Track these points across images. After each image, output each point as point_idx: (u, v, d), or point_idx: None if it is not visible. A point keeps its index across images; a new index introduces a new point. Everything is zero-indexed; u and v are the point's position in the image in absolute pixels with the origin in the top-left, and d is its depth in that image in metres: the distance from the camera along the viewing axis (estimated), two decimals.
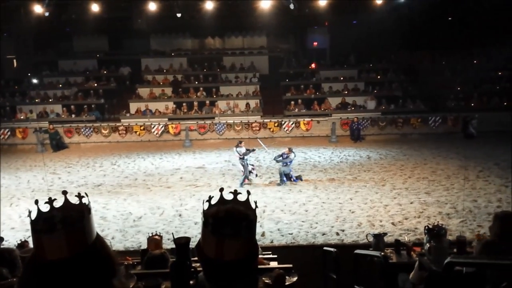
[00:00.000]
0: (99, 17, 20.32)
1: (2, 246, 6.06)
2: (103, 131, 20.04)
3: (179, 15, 21.03)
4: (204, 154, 17.41)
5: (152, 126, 20.18)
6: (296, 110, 21.38)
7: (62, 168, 15.43)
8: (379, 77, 23.47)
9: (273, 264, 4.37)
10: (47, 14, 19.34)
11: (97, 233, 1.39)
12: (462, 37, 20.71)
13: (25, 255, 3.97)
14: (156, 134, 20.11)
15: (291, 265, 2.80)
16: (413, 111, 20.83)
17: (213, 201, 1.53)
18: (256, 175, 13.12)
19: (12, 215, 10.49)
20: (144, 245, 7.17)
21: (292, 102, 21.67)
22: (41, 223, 1.29)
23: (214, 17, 20.93)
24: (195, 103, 21.71)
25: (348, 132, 19.77)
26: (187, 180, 13.51)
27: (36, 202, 1.40)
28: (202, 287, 1.84)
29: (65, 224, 1.27)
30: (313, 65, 24.87)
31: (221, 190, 1.54)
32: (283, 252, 6.64)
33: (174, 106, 21.74)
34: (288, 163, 12.60)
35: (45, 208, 1.34)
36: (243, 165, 12.69)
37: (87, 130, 19.97)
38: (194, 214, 10.33)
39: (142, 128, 20.17)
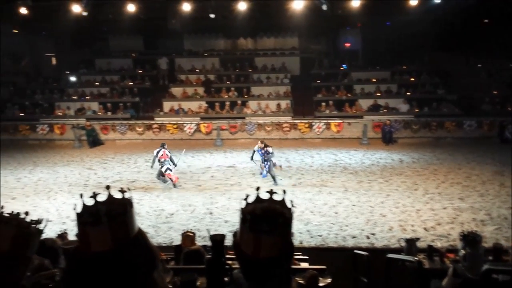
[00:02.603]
0: (134, 17, 20.80)
1: (42, 237, 6.29)
2: (137, 128, 20.53)
3: (212, 15, 21.30)
4: (235, 153, 17.58)
5: (185, 125, 20.52)
6: (327, 111, 21.29)
7: (98, 164, 15.88)
8: (412, 79, 23.08)
9: (304, 265, 4.41)
10: (85, 13, 19.94)
11: (139, 227, 1.43)
12: (497, 39, 20.15)
13: (66, 246, 4.12)
14: (189, 132, 20.43)
15: (324, 267, 2.82)
16: (447, 115, 20.41)
17: (250, 200, 1.56)
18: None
19: (50, 208, 10.84)
20: (176, 241, 7.35)
21: (323, 103, 21.59)
22: (87, 216, 1.34)
23: (247, 18, 21.07)
24: (227, 103, 21.93)
25: (380, 134, 19.55)
26: (218, 178, 13.68)
27: (81, 196, 1.44)
28: (236, 284, 1.87)
29: (109, 217, 1.33)
30: (344, 66, 24.69)
31: (258, 189, 1.57)
32: (313, 253, 6.66)
33: (206, 105, 22.03)
34: (270, 158, 12.64)
35: (90, 202, 1.39)
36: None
37: (122, 127, 20.50)
38: (225, 212, 10.48)
39: (175, 126, 20.53)
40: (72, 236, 6.41)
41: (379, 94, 22.20)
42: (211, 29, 25.68)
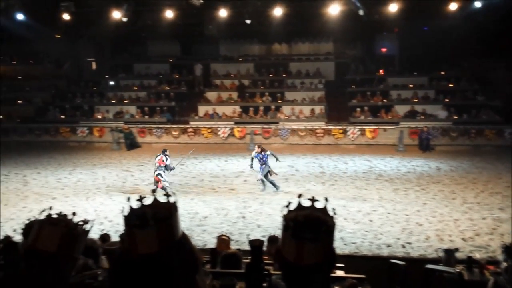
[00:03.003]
0: (172, 23, 21.24)
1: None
2: (173, 132, 20.92)
3: (248, 21, 21.47)
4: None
5: (219, 129, 20.74)
6: (362, 117, 21.05)
7: (135, 166, 16.24)
8: (451, 85, 22.51)
9: (340, 273, 4.36)
10: (125, 19, 20.53)
11: (183, 231, 1.46)
12: None
13: (109, 247, 4.23)
14: (222, 137, 20.65)
15: (363, 276, 2.78)
16: (487, 122, 19.81)
17: (291, 207, 1.55)
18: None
19: (88, 209, 11.13)
20: (209, 244, 7.44)
21: (358, 109, 21.36)
22: (134, 219, 1.37)
23: (282, 23, 21.16)
24: (261, 108, 22.04)
25: (417, 141, 19.11)
26: (251, 183, 13.71)
27: (128, 199, 1.46)
28: None
29: (156, 221, 1.35)
30: (381, 72, 24.36)
31: (300, 196, 1.57)
32: (346, 261, 6.59)
33: (240, 110, 22.21)
34: (266, 162, 12.48)
35: (136, 205, 1.41)
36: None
37: (158, 131, 20.95)
38: (258, 217, 10.50)
39: (209, 130, 20.80)
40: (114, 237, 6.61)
41: (416, 100, 21.78)
42: (246, 35, 25.92)
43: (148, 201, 1.42)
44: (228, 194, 12.50)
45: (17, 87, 25.18)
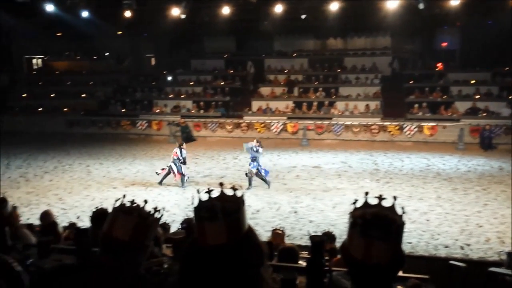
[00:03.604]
0: (228, 19, 21.55)
1: None
2: (227, 126, 21.28)
3: (303, 16, 21.36)
4: (321, 154, 17.51)
5: (272, 124, 20.86)
6: (420, 113, 20.40)
7: (190, 159, 16.58)
8: None
9: (399, 272, 4.28)
10: (183, 16, 21.06)
11: (249, 224, 1.48)
12: None
13: (174, 236, 4.42)
14: (275, 132, 20.74)
15: (427, 276, 2.70)
16: None
17: (358, 204, 1.53)
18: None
19: (146, 199, 11.60)
20: (262, 238, 7.54)
21: (416, 105, 20.71)
22: (204, 211, 1.41)
23: (338, 18, 20.86)
24: (314, 103, 21.91)
25: (478, 139, 18.27)
26: (303, 178, 13.74)
27: (198, 191, 1.48)
28: (335, 286, 1.87)
29: (225, 214, 1.39)
30: (440, 66, 23.45)
31: (366, 194, 1.55)
32: None
33: (293, 105, 22.18)
34: (259, 157, 12.45)
35: (204, 197, 1.45)
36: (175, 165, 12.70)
37: (213, 125, 21.39)
38: (310, 212, 10.52)
39: (262, 125, 20.96)
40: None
41: (478, 96, 20.78)
42: (301, 30, 25.82)
43: (215, 193, 1.46)
44: (280, 189, 12.59)
45: (82, 81, 26.54)
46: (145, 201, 1.86)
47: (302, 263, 3.48)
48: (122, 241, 1.69)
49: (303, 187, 12.68)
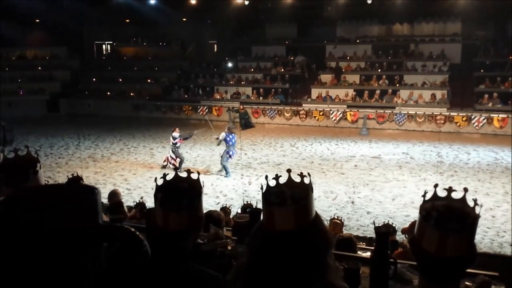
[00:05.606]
0: (290, 6, 21.39)
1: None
2: (285, 114, 21.26)
3: (369, 1, 20.72)
4: (381, 144, 17.07)
5: (331, 112, 20.57)
6: (490, 104, 19.24)
7: (248, 145, 16.91)
8: None
9: None
10: (246, 2, 21.16)
11: (316, 211, 1.47)
12: None
13: (240, 220, 4.53)
14: (334, 120, 20.45)
15: (496, 273, 2.57)
16: None
17: (427, 196, 1.48)
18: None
19: (205, 183, 11.95)
20: None
21: (486, 95, 19.55)
22: (274, 197, 1.42)
23: (405, 2, 20.05)
24: (377, 91, 21.29)
25: None
26: (362, 168, 13.51)
27: (266, 177, 1.50)
28: (400, 278, 1.86)
29: (294, 200, 1.39)
30: None
31: (436, 186, 1.50)
32: None
33: (354, 93, 21.70)
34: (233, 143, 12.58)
35: (272, 183, 1.48)
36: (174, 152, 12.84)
37: (271, 112, 21.45)
38: (367, 203, 10.37)
39: (321, 113, 20.72)
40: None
41: None
42: (366, 15, 25.06)
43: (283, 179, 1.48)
44: (337, 178, 12.47)
45: (147, 67, 27.50)
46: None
47: (361, 253, 3.47)
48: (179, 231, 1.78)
49: (361, 177, 12.49)
